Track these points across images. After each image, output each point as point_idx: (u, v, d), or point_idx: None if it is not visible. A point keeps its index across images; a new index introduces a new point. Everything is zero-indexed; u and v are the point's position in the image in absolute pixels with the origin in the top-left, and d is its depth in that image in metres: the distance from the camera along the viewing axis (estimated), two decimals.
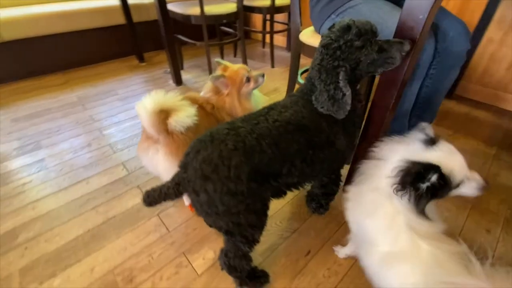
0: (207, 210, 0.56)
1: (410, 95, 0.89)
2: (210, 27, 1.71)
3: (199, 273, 0.78)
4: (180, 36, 1.87)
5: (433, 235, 0.50)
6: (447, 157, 0.48)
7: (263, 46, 2.61)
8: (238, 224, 0.59)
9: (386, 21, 0.77)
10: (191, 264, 0.80)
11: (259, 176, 0.56)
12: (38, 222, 0.93)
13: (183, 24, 1.73)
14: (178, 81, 1.86)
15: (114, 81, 1.96)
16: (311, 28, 1.14)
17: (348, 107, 0.61)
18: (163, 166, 0.77)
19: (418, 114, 1.02)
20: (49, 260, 0.82)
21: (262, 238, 0.86)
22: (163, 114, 0.73)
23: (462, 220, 0.93)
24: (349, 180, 0.97)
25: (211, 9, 1.68)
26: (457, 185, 0.48)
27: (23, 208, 0.98)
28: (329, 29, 0.61)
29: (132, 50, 2.25)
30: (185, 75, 2.00)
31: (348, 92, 0.59)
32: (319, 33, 1.05)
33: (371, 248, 0.53)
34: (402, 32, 0.64)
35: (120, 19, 2.08)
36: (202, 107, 0.88)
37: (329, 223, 0.92)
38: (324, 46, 0.60)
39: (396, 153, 0.52)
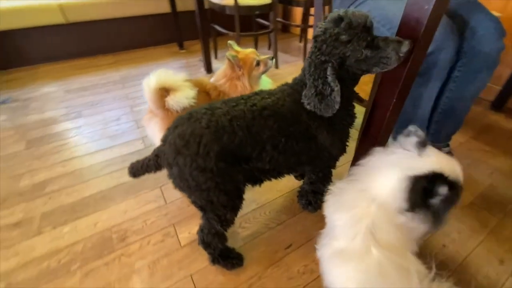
0: (179, 184, 0.60)
1: (427, 98, 0.81)
2: (246, 19, 1.74)
3: (182, 244, 0.84)
4: (216, 26, 1.94)
5: (394, 248, 0.47)
6: (442, 159, 0.45)
7: (300, 41, 2.56)
8: (211, 202, 0.62)
9: None
10: (177, 236, 0.86)
11: (229, 156, 0.58)
12: (64, 178, 1.08)
13: (221, 14, 1.79)
14: (209, 69, 1.95)
15: (154, 65, 2.12)
16: None
17: (337, 106, 0.58)
18: (158, 138, 0.83)
19: (439, 120, 0.92)
20: (65, 211, 0.95)
21: (246, 224, 0.90)
22: (164, 92, 0.78)
23: (472, 245, 0.82)
24: None
25: (247, 1, 1.70)
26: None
27: (56, 165, 1.15)
28: (324, 20, 0.59)
29: (174, 37, 2.41)
30: (216, 64, 2.08)
31: (337, 88, 0.55)
32: None
33: (329, 241, 0.52)
34: (406, 25, 0.59)
35: (166, 8, 2.24)
36: (208, 93, 0.92)
37: (318, 222, 0.89)
38: (314, 37, 0.58)
39: (389, 163, 0.49)
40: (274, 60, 0.97)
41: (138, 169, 0.66)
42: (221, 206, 0.63)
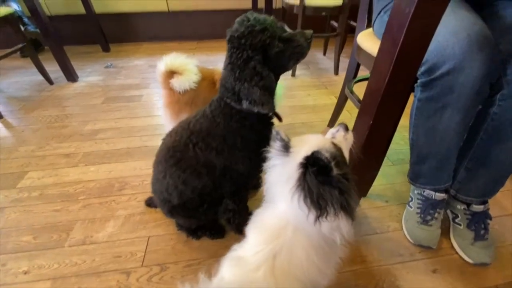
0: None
1: (443, 132, 0.63)
2: (318, 20, 1.70)
3: (157, 209, 0.93)
4: (283, 24, 1.96)
5: (287, 279, 0.44)
6: (307, 142, 0.45)
7: None
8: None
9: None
10: None
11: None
12: (111, 131, 1.35)
13: (290, 14, 1.80)
14: None
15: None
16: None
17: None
18: (162, 113, 0.95)
19: (471, 168, 0.70)
20: (98, 155, 1.19)
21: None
22: (171, 74, 0.88)
23: None
24: None
25: (315, 1, 1.65)
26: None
27: (112, 120, 1.44)
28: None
29: None
30: None
31: (272, 74, 0.57)
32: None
33: (237, 248, 0.51)
34: (388, 32, 0.49)
35: (248, 4, 2.38)
36: (214, 82, 0.97)
37: None
38: (228, 40, 0.57)
39: (277, 178, 0.47)
40: None
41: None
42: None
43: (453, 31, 0.55)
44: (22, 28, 2.08)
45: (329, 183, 0.38)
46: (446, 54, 0.54)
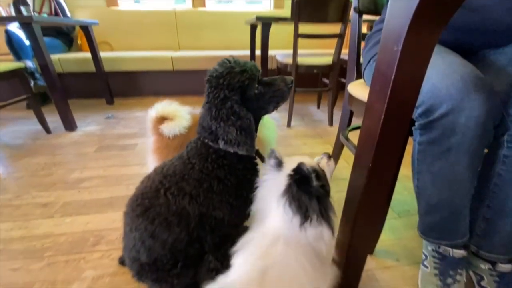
0: None
1: (451, 177, 0.56)
2: (311, 77, 1.81)
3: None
4: None
5: None
6: (296, 160, 0.50)
7: None
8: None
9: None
10: None
11: None
12: (98, 179, 1.28)
13: (290, 73, 1.92)
14: None
15: None
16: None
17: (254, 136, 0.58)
18: (149, 160, 0.90)
19: (490, 219, 0.61)
20: (78, 205, 1.10)
21: None
22: (161, 120, 0.87)
23: None
24: None
25: (306, 60, 1.77)
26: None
27: (100, 168, 1.38)
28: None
29: None
30: (272, 115, 2.15)
31: (249, 115, 0.55)
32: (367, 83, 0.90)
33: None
34: (379, 71, 0.47)
35: None
36: None
37: None
38: (207, 80, 0.57)
39: (266, 193, 0.51)
40: None
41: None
42: None
43: (444, 74, 0.54)
44: (32, 82, 2.20)
45: (309, 192, 0.45)
46: (442, 95, 0.52)
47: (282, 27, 2.13)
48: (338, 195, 0.60)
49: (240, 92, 0.54)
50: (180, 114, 0.88)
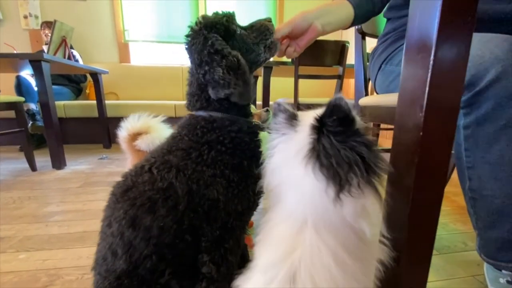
0: None
1: (508, 167, 0.43)
2: None
3: None
4: None
5: None
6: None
7: None
8: None
9: None
10: None
11: None
12: (73, 213, 1.10)
13: None
14: None
15: None
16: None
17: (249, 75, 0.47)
18: None
19: None
20: (40, 239, 0.90)
21: None
22: (134, 137, 0.79)
23: None
24: None
25: (307, 100, 1.78)
26: None
27: (80, 202, 1.21)
28: None
29: None
30: None
31: (235, 52, 0.46)
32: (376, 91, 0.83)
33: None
34: (412, 55, 0.38)
35: None
36: None
37: None
38: (186, 48, 0.49)
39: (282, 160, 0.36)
40: (270, 112, 0.87)
41: None
42: None
43: (482, 41, 0.46)
44: (30, 123, 2.17)
45: (351, 139, 0.30)
46: (486, 60, 0.43)
47: (279, 82, 2.24)
48: None
49: (221, 31, 0.47)
50: (155, 126, 0.80)
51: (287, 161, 0.34)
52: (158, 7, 3.04)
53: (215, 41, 0.45)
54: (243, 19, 0.49)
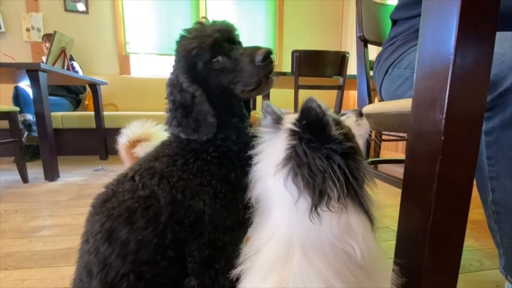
0: None
1: None
2: None
3: None
4: None
5: None
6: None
7: None
8: None
9: None
10: None
11: None
12: (61, 228, 1.03)
13: None
14: None
15: None
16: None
17: (210, 119, 0.41)
18: None
19: None
20: (22, 256, 0.84)
21: None
22: (133, 144, 0.75)
23: None
24: None
25: None
26: None
27: (69, 216, 1.15)
28: None
29: None
30: None
31: (199, 92, 0.41)
32: (381, 98, 0.80)
33: None
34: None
35: None
36: None
37: None
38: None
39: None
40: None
41: None
42: None
43: (502, 39, 0.43)
44: (26, 134, 2.13)
45: (325, 146, 0.26)
46: (509, 58, 0.40)
47: (279, 92, 2.23)
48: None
49: (189, 63, 0.42)
50: (156, 133, 0.76)
51: (269, 170, 0.30)
52: (159, 20, 3.08)
53: (177, 74, 0.43)
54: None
